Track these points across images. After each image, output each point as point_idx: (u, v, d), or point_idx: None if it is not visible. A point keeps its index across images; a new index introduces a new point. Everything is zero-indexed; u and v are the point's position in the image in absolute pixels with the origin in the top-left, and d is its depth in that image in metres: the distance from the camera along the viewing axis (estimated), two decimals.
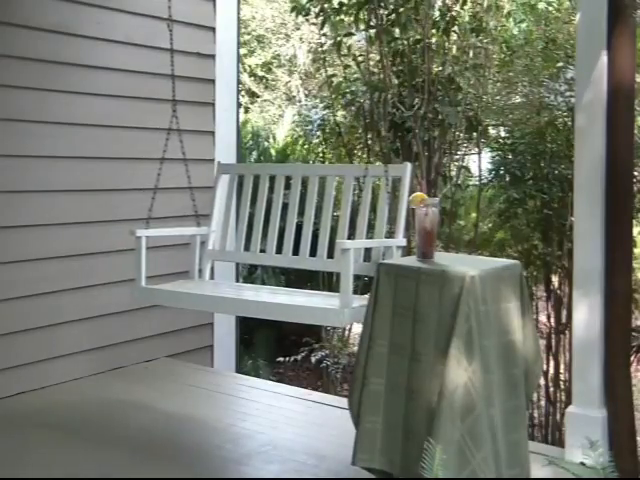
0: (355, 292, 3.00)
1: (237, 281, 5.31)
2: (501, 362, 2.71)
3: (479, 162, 6.98)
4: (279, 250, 3.68)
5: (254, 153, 8.60)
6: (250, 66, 10.85)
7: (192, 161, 3.88)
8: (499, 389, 2.68)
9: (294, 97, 10.22)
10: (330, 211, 3.55)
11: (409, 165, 3.33)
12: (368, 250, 3.32)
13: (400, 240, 3.21)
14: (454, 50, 6.43)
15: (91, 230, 4.44)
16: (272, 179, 3.81)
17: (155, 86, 4.51)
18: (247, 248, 3.81)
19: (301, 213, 3.64)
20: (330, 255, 3.50)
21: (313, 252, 3.58)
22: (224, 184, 3.93)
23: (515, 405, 2.75)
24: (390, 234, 3.28)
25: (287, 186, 3.78)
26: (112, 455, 3.39)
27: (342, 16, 6.12)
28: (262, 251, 3.78)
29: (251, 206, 3.85)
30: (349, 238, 3.35)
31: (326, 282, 7.04)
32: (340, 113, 7.34)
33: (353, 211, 3.55)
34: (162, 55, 3.83)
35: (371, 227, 3.42)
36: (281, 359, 7.56)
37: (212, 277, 4.10)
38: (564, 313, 6.37)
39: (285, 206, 3.71)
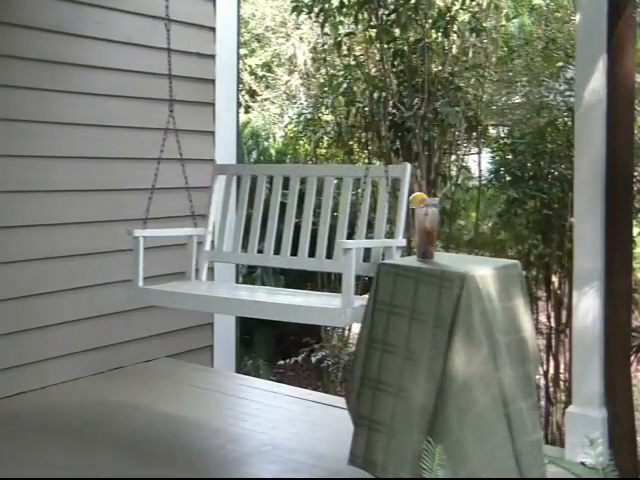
0: (355, 292, 3.00)
1: (237, 281, 5.31)
2: (517, 358, 2.71)
3: (479, 162, 6.99)
4: (277, 251, 3.67)
5: (254, 153, 8.59)
6: (250, 66, 10.84)
7: (192, 161, 3.88)
8: (523, 385, 2.69)
9: (294, 97, 10.20)
10: (329, 212, 3.54)
11: (409, 165, 3.33)
12: (367, 250, 3.31)
13: (400, 240, 3.22)
14: (454, 50, 6.43)
15: (92, 230, 4.44)
16: (270, 179, 3.80)
17: (155, 86, 4.50)
18: (245, 249, 3.79)
19: (300, 214, 3.62)
20: (329, 256, 3.49)
21: (312, 253, 3.56)
22: (221, 184, 3.92)
23: (532, 403, 2.76)
24: (390, 234, 3.29)
25: (286, 186, 3.75)
26: (111, 456, 3.39)
27: (342, 17, 6.12)
28: (260, 252, 3.77)
29: (250, 207, 3.84)
30: (348, 238, 3.35)
31: (325, 282, 7.04)
32: (340, 113, 7.34)
33: (352, 212, 3.55)
34: (162, 55, 3.82)
35: (370, 227, 3.42)
36: (282, 362, 7.56)
37: (212, 278, 4.08)
38: (564, 313, 6.38)
39: (283, 207, 3.70)
